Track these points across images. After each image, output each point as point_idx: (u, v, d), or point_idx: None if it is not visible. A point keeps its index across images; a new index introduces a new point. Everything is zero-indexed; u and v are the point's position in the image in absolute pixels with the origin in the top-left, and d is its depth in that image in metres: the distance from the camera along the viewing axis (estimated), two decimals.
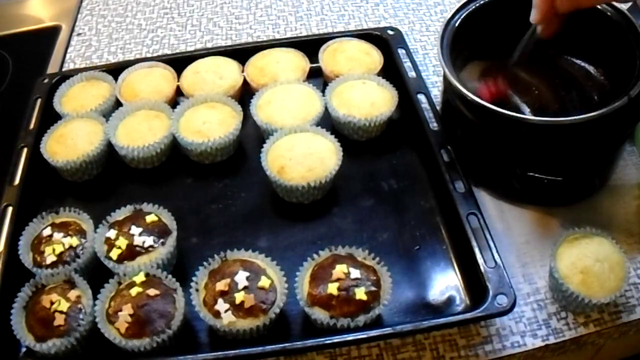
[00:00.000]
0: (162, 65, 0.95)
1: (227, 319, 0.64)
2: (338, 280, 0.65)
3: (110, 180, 0.86)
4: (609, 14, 0.76)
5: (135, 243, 0.71)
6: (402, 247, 0.75)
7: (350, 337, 0.64)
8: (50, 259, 0.70)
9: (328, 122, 0.87)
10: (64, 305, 0.65)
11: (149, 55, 1.07)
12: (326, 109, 0.86)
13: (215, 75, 0.91)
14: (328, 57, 0.94)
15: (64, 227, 0.74)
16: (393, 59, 0.93)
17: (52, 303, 0.66)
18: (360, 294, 0.65)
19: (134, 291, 0.66)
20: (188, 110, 0.88)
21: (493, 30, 0.81)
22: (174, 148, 0.87)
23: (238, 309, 0.65)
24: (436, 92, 0.91)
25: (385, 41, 0.96)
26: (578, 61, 0.81)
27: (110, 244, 0.71)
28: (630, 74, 0.69)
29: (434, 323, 0.65)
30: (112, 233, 0.72)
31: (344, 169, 0.80)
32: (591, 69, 0.81)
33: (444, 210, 0.78)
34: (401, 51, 0.94)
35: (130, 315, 0.64)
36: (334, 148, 0.81)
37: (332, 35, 0.98)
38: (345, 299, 0.64)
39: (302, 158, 0.78)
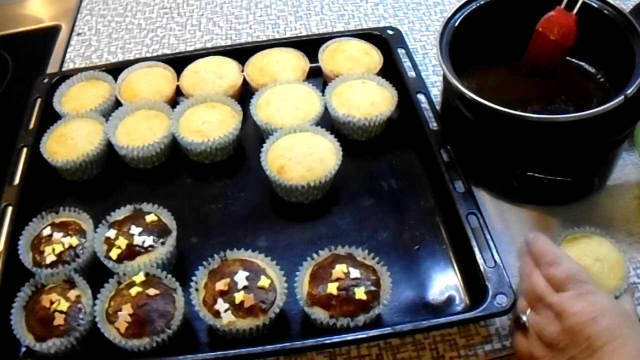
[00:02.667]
0: (162, 65, 0.95)
1: (227, 318, 0.64)
2: (338, 280, 0.65)
3: (110, 180, 0.86)
4: (607, 13, 0.76)
5: (135, 243, 0.71)
6: (402, 247, 0.75)
7: (349, 336, 0.64)
8: (50, 258, 0.70)
9: (328, 121, 0.87)
10: (63, 305, 0.65)
11: (148, 55, 1.07)
12: (326, 108, 0.86)
13: (215, 75, 0.91)
14: (328, 57, 0.94)
15: (63, 227, 0.74)
16: (393, 59, 0.93)
17: (52, 303, 0.66)
18: (360, 293, 0.65)
19: (134, 291, 0.66)
20: (188, 110, 0.88)
21: (493, 30, 0.81)
22: (174, 148, 0.87)
23: (238, 309, 0.65)
24: (436, 92, 0.91)
25: (385, 41, 0.96)
26: (578, 62, 0.82)
27: (110, 243, 0.71)
28: (629, 75, 0.69)
29: (434, 323, 0.65)
30: (111, 233, 0.72)
31: (343, 169, 0.80)
32: (592, 70, 0.81)
33: (443, 210, 0.78)
34: (401, 51, 0.94)
35: (130, 315, 0.64)
36: (334, 148, 0.81)
37: (331, 35, 0.98)
38: (345, 298, 0.64)
39: (302, 158, 0.78)
